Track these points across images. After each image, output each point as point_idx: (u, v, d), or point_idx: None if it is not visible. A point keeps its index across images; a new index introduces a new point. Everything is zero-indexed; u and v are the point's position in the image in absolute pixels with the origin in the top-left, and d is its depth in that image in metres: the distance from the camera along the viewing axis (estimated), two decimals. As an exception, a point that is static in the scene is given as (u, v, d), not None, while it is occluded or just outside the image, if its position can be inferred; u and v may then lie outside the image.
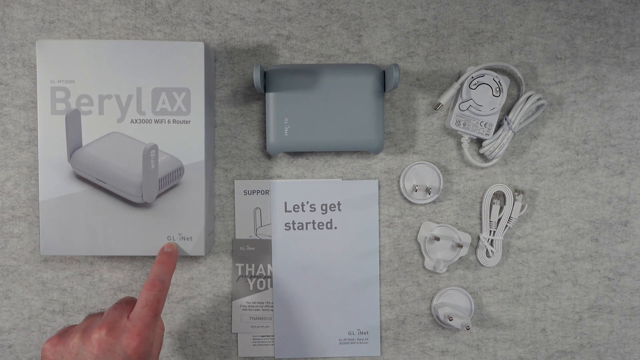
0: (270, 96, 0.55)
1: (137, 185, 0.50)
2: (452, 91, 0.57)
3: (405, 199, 0.59)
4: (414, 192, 0.58)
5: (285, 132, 0.55)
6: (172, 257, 0.48)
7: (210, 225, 0.55)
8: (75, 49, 0.50)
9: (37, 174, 0.58)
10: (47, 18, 0.57)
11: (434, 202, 0.59)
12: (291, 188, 0.59)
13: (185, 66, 0.50)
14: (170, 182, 0.51)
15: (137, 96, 0.50)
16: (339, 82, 0.55)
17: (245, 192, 0.58)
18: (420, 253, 0.59)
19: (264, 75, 0.55)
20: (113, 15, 0.57)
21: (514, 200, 0.58)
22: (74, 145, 0.50)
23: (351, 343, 0.59)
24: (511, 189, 0.59)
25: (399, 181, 0.59)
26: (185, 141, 0.50)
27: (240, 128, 0.58)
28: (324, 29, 0.59)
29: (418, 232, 0.59)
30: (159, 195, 0.51)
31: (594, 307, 0.60)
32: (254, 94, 0.59)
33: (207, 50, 0.52)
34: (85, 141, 0.50)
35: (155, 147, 0.50)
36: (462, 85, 0.56)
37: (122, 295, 0.58)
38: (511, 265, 0.60)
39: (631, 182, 0.60)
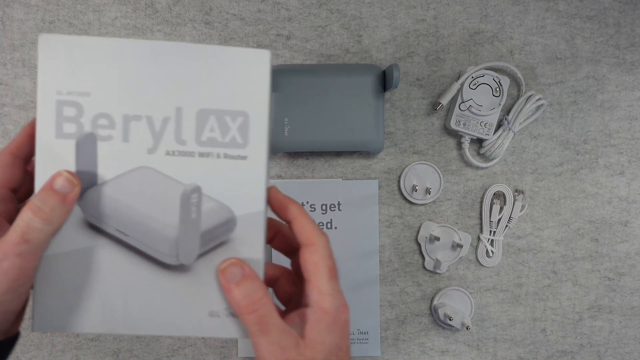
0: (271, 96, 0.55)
1: (172, 241, 0.37)
2: (452, 91, 0.57)
3: (405, 199, 0.59)
4: (414, 192, 0.58)
5: (285, 132, 0.55)
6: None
7: None
8: (93, 49, 0.35)
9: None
10: (47, 18, 0.57)
11: (434, 202, 0.59)
12: (291, 188, 0.59)
13: (244, 82, 0.37)
14: (217, 238, 0.37)
15: (176, 119, 0.36)
16: (339, 82, 0.55)
17: (245, 192, 0.58)
18: (420, 253, 0.59)
19: (264, 75, 0.54)
20: (113, 15, 0.57)
21: (514, 200, 0.58)
22: (87, 183, 0.36)
23: (351, 343, 0.59)
24: (511, 189, 0.59)
25: (399, 181, 0.59)
26: (240, 184, 0.37)
27: (240, 128, 0.58)
28: (324, 29, 0.59)
29: (418, 232, 0.59)
30: (200, 255, 0.37)
31: (594, 307, 0.60)
32: (254, 94, 0.58)
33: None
34: (101, 177, 0.36)
35: (198, 189, 0.36)
36: (462, 85, 0.56)
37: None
38: (511, 265, 0.60)
39: (631, 182, 0.60)
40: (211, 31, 0.58)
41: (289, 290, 0.39)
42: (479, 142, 0.59)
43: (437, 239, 0.58)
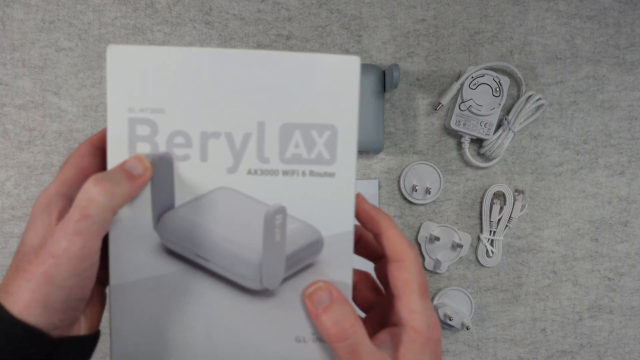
0: (271, 96, 0.54)
1: (255, 265, 0.35)
2: (452, 91, 0.57)
3: (405, 199, 0.59)
4: (414, 192, 0.58)
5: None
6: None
7: None
8: (167, 60, 0.33)
9: (38, 174, 0.58)
10: (47, 18, 0.57)
11: (434, 202, 0.59)
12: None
13: (331, 92, 0.34)
14: (303, 260, 0.35)
15: (258, 135, 0.34)
16: (339, 82, 0.55)
17: (246, 192, 0.58)
18: (420, 253, 0.59)
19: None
20: (113, 15, 0.57)
21: (514, 200, 0.58)
22: (163, 206, 0.34)
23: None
24: (511, 189, 0.59)
25: (399, 181, 0.59)
26: (327, 202, 0.35)
27: (240, 128, 0.58)
28: (324, 29, 0.59)
29: (418, 232, 0.59)
30: (285, 280, 0.35)
31: (593, 307, 0.60)
32: (254, 94, 0.59)
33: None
34: (179, 200, 0.34)
35: (282, 210, 0.34)
36: (462, 85, 0.56)
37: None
38: (511, 265, 0.60)
39: (631, 182, 0.60)
40: (211, 31, 0.58)
41: (369, 298, 0.37)
42: (479, 142, 0.59)
43: (437, 239, 0.58)
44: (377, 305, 0.36)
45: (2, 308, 0.27)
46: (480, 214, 0.59)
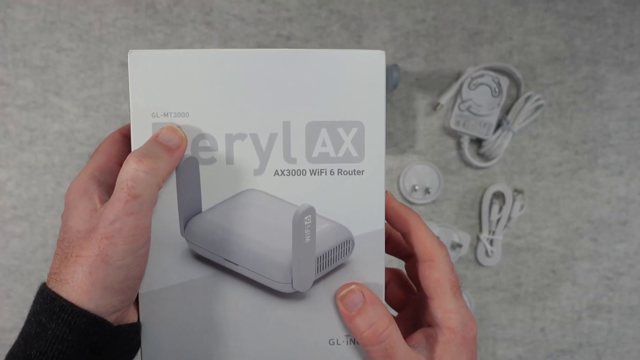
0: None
1: (285, 268, 0.34)
2: (451, 91, 0.57)
3: (405, 199, 0.59)
4: (414, 192, 0.58)
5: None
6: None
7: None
8: (188, 63, 0.33)
9: (39, 175, 0.58)
10: (48, 19, 0.57)
11: (433, 202, 0.60)
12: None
13: (357, 88, 0.33)
14: (334, 261, 0.34)
15: (284, 135, 0.33)
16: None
17: (246, 192, 0.58)
18: (420, 253, 0.60)
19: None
20: (114, 16, 0.57)
21: (514, 200, 0.59)
22: (190, 211, 0.34)
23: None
24: (510, 189, 0.59)
25: (398, 181, 0.59)
26: (357, 201, 0.34)
27: (241, 128, 0.59)
28: (324, 29, 0.59)
29: (418, 231, 0.59)
30: (316, 282, 0.34)
31: (592, 306, 0.60)
32: (255, 94, 0.59)
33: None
34: (206, 204, 0.34)
35: (311, 210, 0.33)
36: (461, 85, 0.57)
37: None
38: (510, 264, 0.60)
39: (630, 182, 0.60)
40: (212, 32, 0.58)
41: (401, 296, 0.36)
42: (478, 142, 0.59)
43: (437, 238, 0.58)
44: (409, 303, 0.35)
45: (59, 298, 0.27)
46: (480, 214, 0.60)
